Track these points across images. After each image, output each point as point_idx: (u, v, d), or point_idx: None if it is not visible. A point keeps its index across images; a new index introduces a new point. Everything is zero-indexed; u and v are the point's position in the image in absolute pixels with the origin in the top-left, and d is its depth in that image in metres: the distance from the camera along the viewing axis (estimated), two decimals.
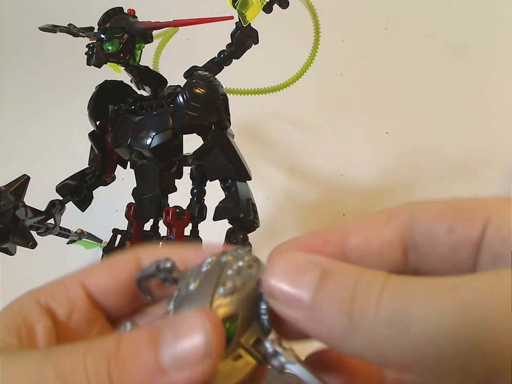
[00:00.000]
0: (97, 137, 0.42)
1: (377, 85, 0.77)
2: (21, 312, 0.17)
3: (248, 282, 0.16)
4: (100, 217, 0.60)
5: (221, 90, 0.38)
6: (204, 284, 0.16)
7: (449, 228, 0.15)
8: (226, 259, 0.17)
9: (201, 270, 0.17)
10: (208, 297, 0.16)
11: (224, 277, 0.16)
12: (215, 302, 0.16)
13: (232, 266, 0.17)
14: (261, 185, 0.73)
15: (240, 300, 0.16)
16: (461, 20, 0.79)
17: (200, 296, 0.16)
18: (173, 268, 0.18)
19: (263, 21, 0.40)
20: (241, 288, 0.16)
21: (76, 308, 0.18)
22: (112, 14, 0.38)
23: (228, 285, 0.16)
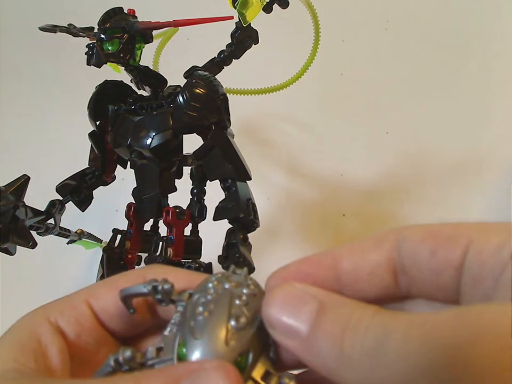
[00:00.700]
0: (97, 137, 0.42)
1: (377, 85, 0.77)
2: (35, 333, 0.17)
3: (256, 314, 0.17)
4: (100, 217, 0.60)
5: (221, 90, 0.38)
6: (216, 315, 0.16)
7: (431, 251, 0.16)
8: (231, 286, 0.17)
9: (207, 297, 0.17)
10: (222, 331, 0.16)
11: (234, 308, 0.16)
12: (229, 337, 0.16)
13: (240, 296, 0.17)
14: (261, 185, 0.73)
15: (252, 334, 0.16)
16: (461, 20, 0.79)
17: (215, 328, 0.16)
18: (172, 290, 0.18)
19: (263, 21, 0.40)
20: (252, 320, 0.16)
21: (84, 329, 0.18)
22: (112, 14, 0.38)
23: (241, 319, 0.16)
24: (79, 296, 0.19)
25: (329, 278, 0.17)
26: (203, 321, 0.16)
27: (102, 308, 0.19)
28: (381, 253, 0.17)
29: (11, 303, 0.67)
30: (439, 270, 0.16)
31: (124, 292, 0.18)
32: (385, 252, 0.17)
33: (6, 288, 0.68)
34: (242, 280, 0.18)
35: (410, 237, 0.17)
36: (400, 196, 0.74)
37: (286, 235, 0.73)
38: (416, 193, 0.74)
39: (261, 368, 0.16)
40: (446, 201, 0.74)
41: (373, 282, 0.17)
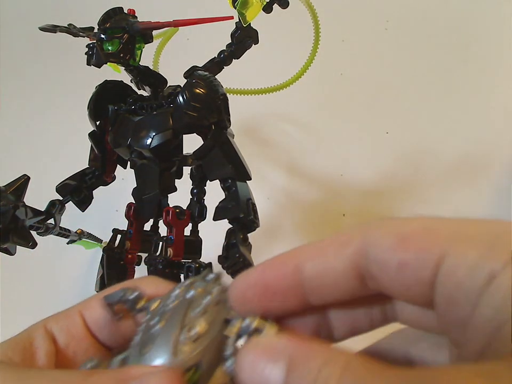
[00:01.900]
0: (97, 137, 0.42)
1: (377, 85, 0.77)
2: (30, 335, 0.18)
3: (213, 324, 0.16)
4: (100, 217, 0.60)
5: (221, 90, 0.38)
6: (168, 325, 0.16)
7: (399, 264, 0.14)
8: (194, 294, 0.17)
9: (167, 306, 0.17)
10: (172, 343, 0.15)
11: (189, 318, 0.16)
12: (178, 350, 0.15)
13: (199, 305, 0.16)
14: (261, 185, 0.73)
15: (205, 346, 0.15)
16: (461, 20, 0.79)
17: (163, 340, 0.16)
18: (139, 299, 0.18)
19: (263, 21, 0.40)
20: (207, 332, 0.16)
21: (74, 337, 0.19)
22: (112, 14, 0.38)
23: (192, 331, 0.15)
24: (75, 307, 0.20)
25: (291, 286, 0.16)
26: (157, 331, 0.16)
27: (93, 318, 0.19)
28: (346, 260, 0.15)
29: (11, 303, 0.67)
30: (409, 286, 0.14)
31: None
32: (350, 258, 0.15)
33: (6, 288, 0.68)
34: (209, 287, 0.17)
35: (377, 243, 0.15)
36: (400, 196, 0.74)
37: (286, 235, 0.73)
38: (416, 193, 0.74)
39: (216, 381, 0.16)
40: (446, 201, 0.74)
41: (339, 288, 0.16)
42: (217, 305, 0.17)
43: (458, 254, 0.13)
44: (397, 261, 0.14)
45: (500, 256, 0.13)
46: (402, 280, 0.14)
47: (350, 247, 0.15)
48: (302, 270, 0.16)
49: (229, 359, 0.16)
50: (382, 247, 0.15)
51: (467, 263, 0.13)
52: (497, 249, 0.13)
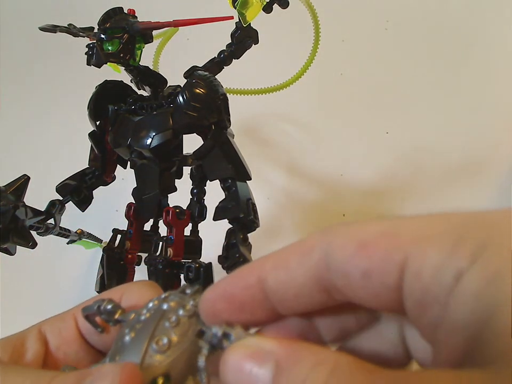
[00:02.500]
0: (97, 137, 0.42)
1: (377, 85, 0.77)
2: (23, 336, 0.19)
3: (185, 336, 0.16)
4: (100, 217, 0.60)
5: (221, 90, 0.38)
6: (139, 337, 0.16)
7: (363, 273, 0.14)
8: (168, 306, 0.17)
9: (140, 317, 0.17)
10: (140, 353, 0.15)
11: (160, 330, 0.16)
12: (146, 359, 0.15)
13: (171, 317, 0.16)
14: (261, 185, 0.73)
15: (174, 357, 0.15)
16: (461, 20, 0.79)
17: (132, 350, 0.16)
18: (115, 310, 0.18)
19: (263, 21, 0.40)
20: (177, 343, 0.16)
21: (65, 339, 0.19)
22: (112, 14, 0.38)
23: (162, 341, 0.15)
24: (71, 311, 0.20)
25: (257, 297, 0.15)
26: (128, 341, 0.16)
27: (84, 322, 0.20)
28: (307, 271, 0.15)
29: (11, 303, 0.67)
30: (376, 294, 0.14)
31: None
32: (312, 269, 0.14)
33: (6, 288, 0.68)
34: (184, 300, 0.17)
35: (338, 251, 0.14)
36: (400, 196, 0.74)
37: (286, 235, 0.73)
38: (416, 193, 0.74)
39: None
40: (446, 201, 0.74)
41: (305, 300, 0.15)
42: (191, 318, 0.16)
43: (422, 255, 0.13)
44: (360, 270, 0.14)
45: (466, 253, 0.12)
46: (368, 289, 0.14)
47: (311, 257, 0.15)
48: (265, 281, 0.15)
49: (201, 370, 0.16)
50: (343, 257, 0.14)
51: (432, 263, 0.13)
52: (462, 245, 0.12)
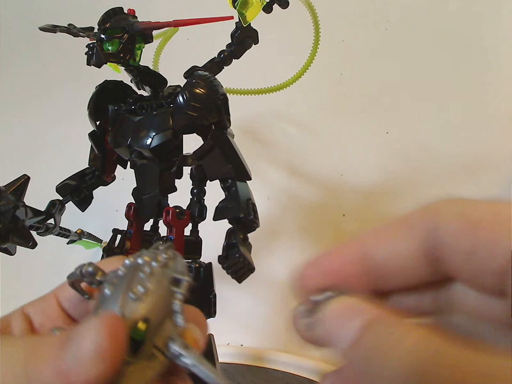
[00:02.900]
0: (97, 137, 0.42)
1: (377, 85, 0.77)
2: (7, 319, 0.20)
3: (160, 284, 0.17)
4: (100, 217, 0.60)
5: (221, 90, 0.38)
6: (117, 289, 0.17)
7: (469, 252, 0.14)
8: (142, 260, 0.18)
9: (118, 273, 0.18)
10: (119, 302, 0.16)
11: (136, 280, 0.17)
12: (125, 307, 0.16)
13: (145, 269, 0.17)
14: (261, 185, 0.73)
15: (151, 303, 0.17)
16: (460, 20, 0.79)
17: (112, 301, 0.17)
18: (96, 272, 0.18)
19: (263, 21, 0.40)
20: (153, 290, 0.17)
21: (49, 317, 0.20)
22: (112, 14, 0.38)
23: (138, 289, 0.17)
24: (51, 292, 0.21)
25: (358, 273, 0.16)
26: (107, 295, 0.17)
27: (66, 297, 0.21)
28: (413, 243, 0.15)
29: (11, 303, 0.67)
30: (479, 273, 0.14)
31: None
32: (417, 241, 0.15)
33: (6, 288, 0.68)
34: (158, 253, 0.18)
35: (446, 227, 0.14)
36: (400, 196, 0.74)
37: (286, 235, 0.73)
38: (416, 193, 0.74)
39: (164, 335, 0.17)
40: None
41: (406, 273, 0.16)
42: (165, 268, 0.18)
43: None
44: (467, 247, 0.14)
45: None
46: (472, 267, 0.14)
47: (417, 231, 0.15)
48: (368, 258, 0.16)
49: (177, 313, 0.17)
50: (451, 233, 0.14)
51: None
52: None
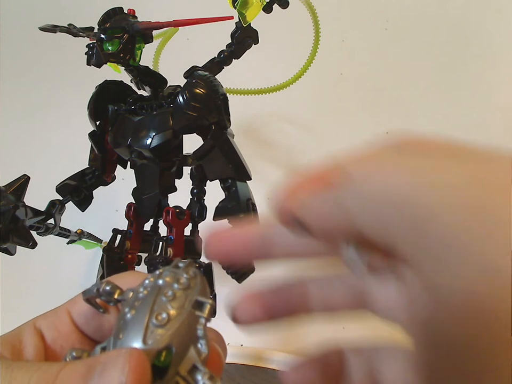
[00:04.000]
0: (97, 137, 0.42)
1: (377, 84, 0.77)
2: (20, 332, 0.19)
3: (182, 308, 0.17)
4: (100, 217, 0.60)
5: (221, 90, 0.38)
6: (139, 314, 0.17)
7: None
8: (163, 281, 0.18)
9: (138, 295, 0.17)
10: (142, 329, 0.16)
11: (158, 305, 0.17)
12: (148, 335, 0.16)
13: (167, 292, 0.17)
14: (261, 185, 0.73)
15: (175, 330, 0.16)
16: (460, 20, 0.79)
17: (134, 327, 0.16)
18: (113, 291, 0.18)
19: (263, 21, 0.40)
20: (176, 316, 0.16)
21: (61, 332, 0.20)
22: (112, 14, 0.38)
23: (161, 316, 0.16)
24: (63, 305, 0.21)
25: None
26: (129, 319, 0.17)
27: (79, 313, 0.20)
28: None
29: (11, 303, 0.67)
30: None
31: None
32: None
33: (6, 288, 0.68)
34: (178, 274, 0.18)
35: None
36: None
37: None
38: None
39: (188, 363, 0.16)
40: None
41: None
42: (187, 290, 0.17)
43: None
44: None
45: None
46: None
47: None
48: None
49: (201, 339, 0.17)
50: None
51: None
52: None
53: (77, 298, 0.20)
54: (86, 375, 0.16)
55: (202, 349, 0.17)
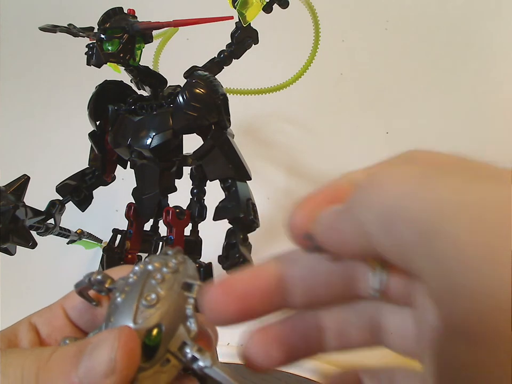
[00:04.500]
0: (97, 137, 0.42)
1: (377, 85, 0.77)
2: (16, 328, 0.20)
3: (171, 290, 0.17)
4: (100, 217, 0.60)
5: (221, 90, 0.38)
6: (129, 297, 0.17)
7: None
8: (152, 266, 0.18)
9: (128, 281, 0.18)
10: (132, 310, 0.17)
11: (147, 287, 0.17)
12: (138, 315, 0.17)
13: (156, 275, 0.18)
14: (261, 185, 0.73)
15: (164, 310, 0.17)
16: (460, 20, 0.79)
17: (125, 309, 0.17)
18: (105, 280, 0.19)
19: (263, 21, 0.40)
20: (165, 296, 0.17)
21: (55, 327, 0.20)
22: (112, 14, 0.38)
23: (150, 296, 0.17)
24: (58, 301, 0.21)
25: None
26: (119, 302, 0.17)
27: (72, 307, 0.21)
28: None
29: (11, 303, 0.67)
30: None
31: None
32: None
33: (6, 288, 0.68)
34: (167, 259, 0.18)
35: None
36: None
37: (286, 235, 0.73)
38: None
39: (178, 340, 0.17)
40: None
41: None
42: (175, 273, 0.18)
43: None
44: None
45: None
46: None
47: None
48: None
49: (190, 317, 0.17)
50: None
51: None
52: None
53: (71, 294, 0.21)
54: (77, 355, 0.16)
55: (191, 327, 0.17)
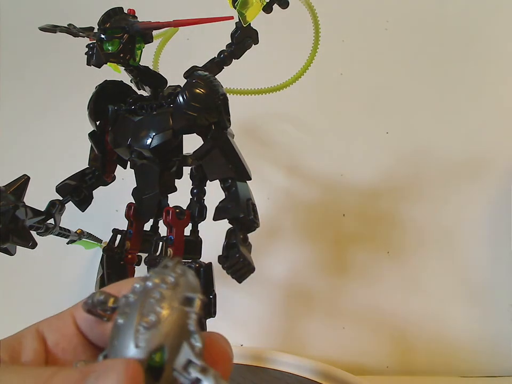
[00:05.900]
0: (97, 137, 0.42)
1: (377, 85, 0.77)
2: (21, 336, 0.20)
3: (171, 307, 0.17)
4: (100, 217, 0.60)
5: (221, 90, 0.38)
6: (129, 319, 0.17)
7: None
8: (151, 283, 0.18)
9: (129, 301, 0.18)
10: (132, 334, 0.16)
11: (146, 307, 0.17)
12: (139, 338, 0.16)
13: (154, 294, 0.17)
14: (261, 185, 0.73)
15: (164, 330, 0.16)
16: (461, 20, 0.79)
17: (126, 333, 0.17)
18: (106, 300, 0.19)
19: (263, 21, 0.40)
20: (165, 315, 0.17)
21: (63, 336, 0.20)
22: (112, 14, 0.38)
23: (149, 318, 0.16)
24: (68, 309, 0.21)
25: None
26: (120, 326, 0.17)
27: (83, 318, 0.20)
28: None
29: (11, 303, 0.67)
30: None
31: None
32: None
33: (6, 288, 0.68)
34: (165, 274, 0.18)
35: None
36: (399, 196, 0.74)
37: (286, 235, 0.73)
38: (415, 193, 0.74)
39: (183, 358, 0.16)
40: (446, 201, 0.74)
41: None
42: (175, 289, 0.17)
43: None
44: None
45: None
46: None
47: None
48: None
49: (193, 333, 0.17)
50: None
51: None
52: None
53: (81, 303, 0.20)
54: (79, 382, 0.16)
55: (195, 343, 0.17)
